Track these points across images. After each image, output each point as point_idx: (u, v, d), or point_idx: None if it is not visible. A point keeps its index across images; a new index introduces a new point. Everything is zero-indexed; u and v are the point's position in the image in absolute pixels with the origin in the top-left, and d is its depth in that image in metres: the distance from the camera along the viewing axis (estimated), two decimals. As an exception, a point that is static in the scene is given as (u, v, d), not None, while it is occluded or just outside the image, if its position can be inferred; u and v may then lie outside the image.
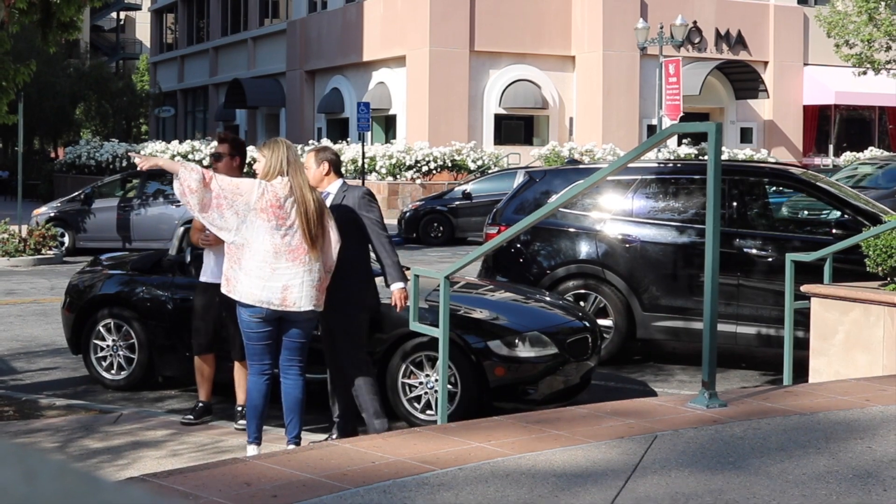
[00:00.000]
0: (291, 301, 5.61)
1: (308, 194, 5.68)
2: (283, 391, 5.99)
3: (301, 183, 5.68)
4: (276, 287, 5.59)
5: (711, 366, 4.94)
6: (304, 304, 5.65)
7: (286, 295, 5.60)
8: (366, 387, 6.26)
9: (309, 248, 5.62)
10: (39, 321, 11.82)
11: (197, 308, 7.13)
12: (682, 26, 29.74)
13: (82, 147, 32.10)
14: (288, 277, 5.59)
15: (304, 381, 5.97)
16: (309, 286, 5.65)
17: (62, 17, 12.18)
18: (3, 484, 0.78)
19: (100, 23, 70.23)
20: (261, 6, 43.41)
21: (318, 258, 5.67)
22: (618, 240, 9.45)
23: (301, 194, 5.64)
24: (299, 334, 5.83)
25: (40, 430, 6.89)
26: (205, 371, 7.12)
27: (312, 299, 5.68)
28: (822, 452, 4.21)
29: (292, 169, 5.66)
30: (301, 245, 5.62)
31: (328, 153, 6.37)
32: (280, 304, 5.61)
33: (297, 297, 5.62)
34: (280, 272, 5.59)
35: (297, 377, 5.94)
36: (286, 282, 5.59)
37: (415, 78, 32.24)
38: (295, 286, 5.61)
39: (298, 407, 5.96)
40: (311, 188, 5.74)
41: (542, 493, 3.62)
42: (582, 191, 5.89)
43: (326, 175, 6.27)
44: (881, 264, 7.05)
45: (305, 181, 5.73)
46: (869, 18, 28.79)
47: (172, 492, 3.53)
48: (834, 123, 37.05)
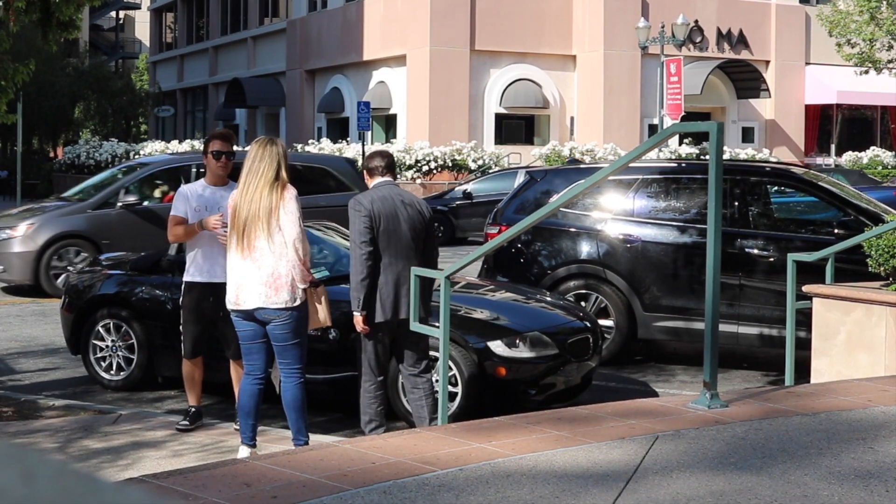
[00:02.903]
0: (242, 300, 5.72)
1: (243, 196, 5.70)
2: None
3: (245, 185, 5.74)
4: (232, 286, 5.78)
5: (713, 366, 4.93)
6: (252, 302, 5.69)
7: (238, 293, 5.73)
8: (364, 392, 6.22)
9: (245, 248, 5.68)
10: (38, 321, 11.81)
11: (182, 310, 6.95)
12: (683, 25, 29.73)
13: (81, 146, 32.08)
14: (238, 276, 5.73)
15: (296, 383, 5.89)
16: (257, 283, 5.66)
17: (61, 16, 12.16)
18: (2, 484, 0.77)
19: (99, 22, 70.26)
20: (260, 5, 43.41)
21: (260, 256, 5.66)
22: (619, 240, 9.43)
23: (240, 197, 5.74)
24: (275, 336, 5.81)
25: (40, 430, 6.88)
26: (195, 375, 6.98)
27: (261, 296, 5.67)
28: (823, 453, 4.20)
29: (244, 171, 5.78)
30: (241, 244, 5.69)
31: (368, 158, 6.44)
32: (234, 303, 5.78)
33: (246, 296, 5.70)
34: (233, 271, 5.77)
35: (287, 380, 5.91)
36: (238, 280, 5.73)
37: (415, 77, 32.24)
38: (244, 284, 5.70)
39: (292, 410, 5.90)
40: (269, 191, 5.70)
41: (543, 493, 3.60)
42: (583, 190, 5.87)
43: (369, 178, 6.36)
44: (883, 264, 7.04)
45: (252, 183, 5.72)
46: (871, 17, 28.78)
47: (172, 493, 3.51)
48: (836, 123, 37.04)
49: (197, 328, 6.88)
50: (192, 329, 6.88)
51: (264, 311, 5.71)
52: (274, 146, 5.82)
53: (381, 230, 6.06)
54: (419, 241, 6.15)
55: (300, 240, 5.69)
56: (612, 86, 32.43)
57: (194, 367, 6.97)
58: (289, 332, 5.78)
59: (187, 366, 6.97)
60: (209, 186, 6.91)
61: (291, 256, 5.66)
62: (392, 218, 6.09)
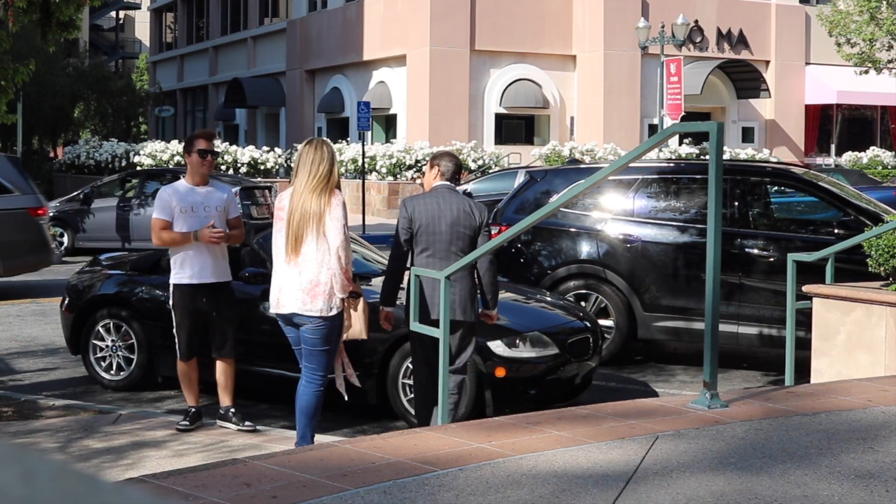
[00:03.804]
0: (282, 304, 5.72)
1: (295, 199, 5.68)
2: None
3: (295, 187, 5.71)
4: (275, 289, 5.78)
5: (713, 366, 4.93)
6: (290, 307, 5.69)
7: (279, 297, 5.72)
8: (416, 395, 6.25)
9: (293, 251, 5.65)
10: (38, 321, 11.81)
11: (174, 312, 6.90)
12: (683, 25, 29.73)
13: (81, 147, 32.05)
14: (281, 280, 5.73)
15: (314, 390, 5.84)
16: (296, 289, 5.65)
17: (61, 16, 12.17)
18: (2, 484, 0.77)
19: (99, 22, 70.24)
20: (260, 5, 43.41)
21: (303, 262, 5.64)
22: (619, 239, 9.43)
23: (291, 199, 5.70)
24: (305, 339, 5.80)
25: (40, 430, 6.88)
26: (191, 376, 6.95)
27: (297, 302, 5.66)
28: (823, 453, 4.20)
29: (295, 173, 5.78)
30: (290, 247, 5.67)
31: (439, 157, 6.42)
32: (274, 306, 5.78)
33: (285, 300, 5.70)
34: (278, 274, 5.77)
35: (307, 385, 5.87)
36: (280, 284, 5.73)
37: (415, 77, 32.24)
38: (285, 289, 5.69)
39: (303, 415, 5.85)
40: (308, 193, 5.68)
41: (543, 493, 3.60)
42: (583, 190, 5.87)
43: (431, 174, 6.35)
44: (883, 264, 7.04)
45: (302, 185, 5.71)
46: (871, 17, 28.79)
47: (172, 492, 3.51)
48: (836, 123, 37.04)
49: (190, 330, 6.85)
50: (186, 331, 6.85)
51: (299, 316, 5.70)
52: (325, 147, 5.78)
53: (421, 231, 6.06)
54: (464, 244, 6.10)
55: (343, 248, 5.63)
56: (612, 86, 32.42)
57: (190, 368, 6.94)
58: (318, 338, 5.75)
59: (183, 367, 6.93)
60: (191, 187, 6.87)
61: (333, 264, 5.62)
62: (434, 220, 6.07)
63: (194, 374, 6.97)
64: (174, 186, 6.93)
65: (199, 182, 6.87)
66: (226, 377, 6.92)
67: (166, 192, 6.87)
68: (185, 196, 6.78)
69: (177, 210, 6.73)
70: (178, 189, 6.86)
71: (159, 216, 6.77)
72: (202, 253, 6.72)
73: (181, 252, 6.76)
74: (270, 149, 32.25)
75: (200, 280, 6.75)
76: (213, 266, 6.78)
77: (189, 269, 6.75)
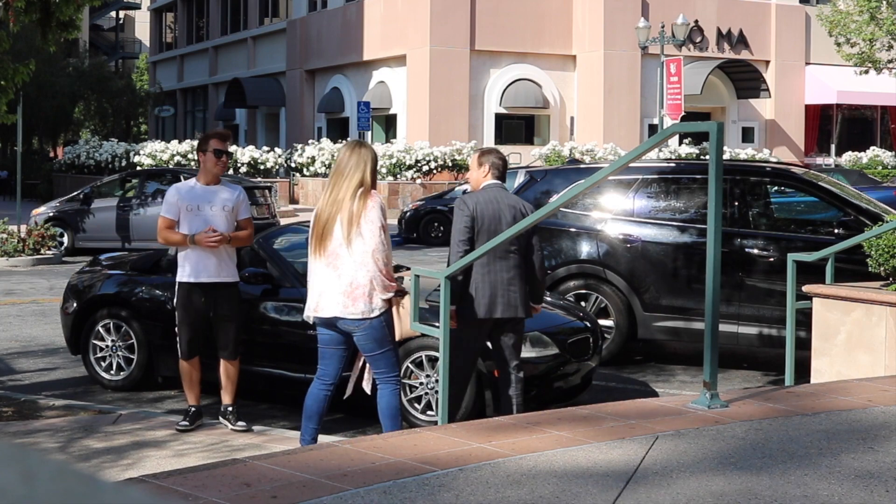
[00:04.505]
0: (322, 307, 5.66)
1: (327, 199, 5.66)
2: None
3: (330, 188, 5.70)
4: (314, 292, 5.72)
5: (713, 366, 4.93)
6: (331, 310, 5.64)
7: (319, 300, 5.67)
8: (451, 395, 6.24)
9: (322, 252, 5.63)
10: (38, 321, 11.81)
11: (177, 310, 6.90)
12: (683, 25, 29.73)
13: (81, 147, 32.07)
14: (320, 283, 5.67)
15: (392, 391, 5.80)
16: (336, 292, 5.61)
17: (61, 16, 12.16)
18: (2, 484, 0.77)
19: (99, 22, 70.25)
20: (261, 5, 43.41)
21: (340, 264, 5.61)
22: (619, 239, 9.43)
23: (323, 200, 5.69)
24: (360, 346, 5.74)
25: (40, 430, 6.87)
26: (192, 375, 6.94)
27: (339, 305, 5.62)
28: (823, 453, 4.20)
29: (331, 174, 5.77)
30: (318, 248, 5.64)
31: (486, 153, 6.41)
32: (314, 309, 5.72)
33: (326, 303, 5.64)
34: (315, 277, 5.70)
35: (383, 387, 5.83)
36: (320, 287, 5.67)
37: (415, 77, 32.24)
38: (325, 292, 5.64)
39: (387, 418, 5.80)
40: (352, 196, 5.65)
41: (543, 493, 3.60)
42: (583, 190, 5.87)
43: (478, 172, 6.33)
44: (883, 264, 7.03)
45: (338, 187, 5.69)
46: (871, 17, 28.79)
47: (172, 492, 3.51)
48: (836, 123, 37.06)
49: (192, 328, 6.85)
50: (188, 329, 6.85)
51: (343, 321, 5.63)
52: (363, 150, 5.75)
53: (482, 230, 6.07)
54: (520, 243, 6.12)
55: (381, 250, 5.59)
56: (612, 86, 32.43)
57: (192, 367, 6.93)
58: (371, 341, 5.69)
59: (184, 366, 6.92)
60: (201, 185, 6.85)
61: (371, 266, 5.58)
62: (494, 220, 6.09)
63: (196, 374, 6.95)
64: (182, 185, 6.91)
65: (211, 181, 6.85)
66: (226, 377, 6.92)
67: (173, 191, 6.87)
68: (191, 195, 6.78)
69: (182, 208, 6.73)
70: (185, 188, 6.85)
71: (164, 215, 6.78)
72: (205, 252, 6.71)
73: (185, 251, 6.77)
74: (270, 149, 32.25)
75: (200, 279, 6.74)
76: (216, 266, 6.77)
77: (191, 268, 6.75)
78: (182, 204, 6.73)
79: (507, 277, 6.08)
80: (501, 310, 6.09)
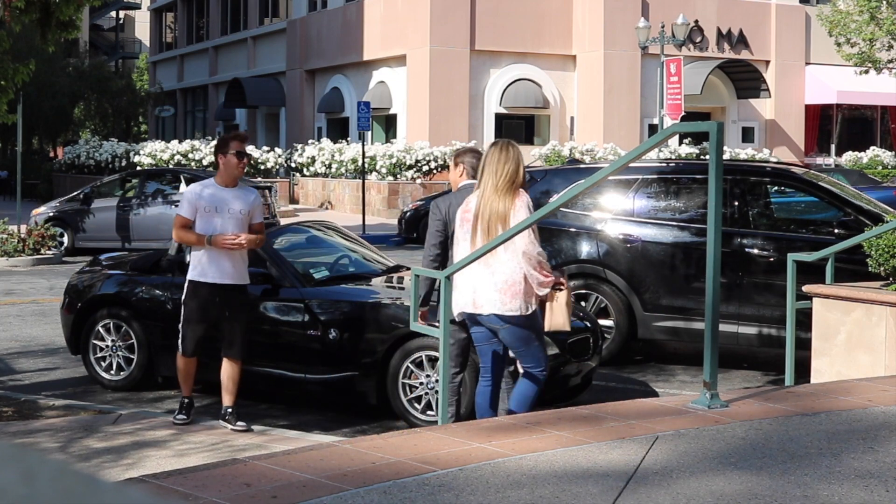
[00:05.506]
0: (478, 304, 5.66)
1: (482, 199, 5.69)
2: None
3: (482, 188, 5.73)
4: (467, 289, 5.72)
5: (713, 366, 4.93)
6: (487, 308, 5.65)
7: (474, 298, 5.68)
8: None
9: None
10: (38, 321, 11.80)
11: (185, 308, 6.92)
12: (683, 25, 29.73)
13: (81, 147, 32.06)
14: (474, 280, 5.67)
15: (532, 381, 5.80)
16: (491, 290, 5.61)
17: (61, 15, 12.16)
18: (2, 484, 0.77)
19: (99, 22, 70.24)
20: (261, 5, 43.40)
21: (494, 262, 5.61)
22: (619, 239, 9.43)
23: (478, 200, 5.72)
24: (508, 342, 5.76)
25: (40, 430, 6.88)
26: (190, 370, 7.01)
27: (496, 303, 5.62)
28: (823, 453, 4.20)
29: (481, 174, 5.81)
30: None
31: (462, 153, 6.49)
32: (468, 306, 5.72)
33: (482, 301, 5.64)
34: (468, 274, 5.70)
35: (528, 377, 5.85)
36: (473, 285, 5.68)
37: (415, 77, 32.24)
38: (479, 289, 5.65)
39: (515, 399, 5.83)
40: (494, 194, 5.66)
41: (543, 493, 3.60)
42: (583, 190, 5.87)
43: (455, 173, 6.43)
44: (883, 264, 7.03)
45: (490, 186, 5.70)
46: (871, 17, 28.79)
47: (172, 492, 3.51)
48: (836, 123, 37.05)
49: (200, 327, 6.89)
50: (196, 328, 6.88)
51: (498, 317, 5.64)
52: (512, 149, 5.80)
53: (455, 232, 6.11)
54: None
55: (530, 249, 5.61)
56: (612, 86, 32.42)
57: (190, 364, 7.00)
58: (520, 337, 5.71)
59: (185, 362, 6.98)
60: (220, 186, 6.87)
61: (525, 264, 5.60)
62: None
63: (192, 370, 7.04)
64: (201, 184, 6.93)
65: (230, 183, 6.87)
66: (228, 378, 6.93)
67: (194, 189, 6.88)
68: (211, 196, 6.79)
69: (201, 209, 6.74)
70: (206, 188, 6.86)
71: (182, 213, 6.79)
72: (221, 254, 6.73)
73: (201, 251, 6.78)
74: (270, 149, 32.25)
75: (217, 280, 6.76)
76: (231, 268, 6.79)
77: (207, 269, 6.76)
78: (201, 204, 6.74)
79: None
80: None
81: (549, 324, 5.83)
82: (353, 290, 7.74)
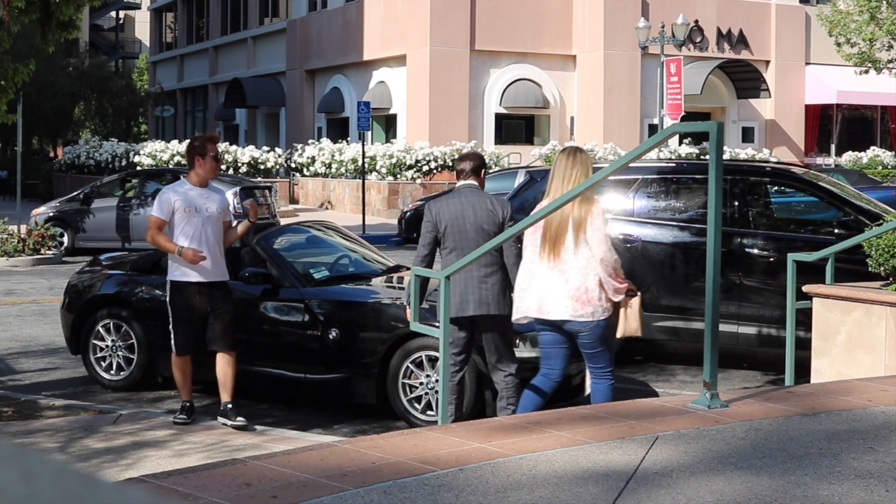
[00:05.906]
0: (546, 310, 5.71)
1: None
2: None
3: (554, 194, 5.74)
4: (535, 294, 5.77)
5: (713, 366, 4.93)
6: (558, 314, 5.69)
7: (542, 304, 5.72)
8: None
9: (554, 257, 5.67)
10: (38, 321, 11.80)
11: (171, 309, 7.00)
12: (683, 25, 29.73)
13: (81, 147, 32.07)
14: (544, 286, 5.72)
15: (608, 385, 5.89)
16: (563, 296, 5.65)
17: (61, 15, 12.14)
18: (2, 484, 0.77)
19: (99, 22, 70.23)
20: (261, 5, 43.40)
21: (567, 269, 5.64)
22: (619, 239, 9.42)
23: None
24: (582, 345, 5.82)
25: (40, 430, 6.88)
26: (186, 371, 7.09)
27: (567, 309, 5.66)
28: (823, 453, 4.20)
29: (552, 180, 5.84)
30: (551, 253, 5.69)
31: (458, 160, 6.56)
32: (538, 311, 5.77)
33: (551, 307, 5.69)
34: (538, 279, 5.75)
35: (599, 381, 5.94)
36: (543, 290, 5.72)
37: (415, 77, 32.23)
38: (548, 295, 5.69)
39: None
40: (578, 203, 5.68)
41: (543, 493, 3.60)
42: (583, 190, 5.87)
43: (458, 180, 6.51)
44: (883, 264, 7.03)
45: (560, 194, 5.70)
46: (871, 17, 28.79)
47: (172, 492, 3.51)
48: (836, 123, 37.05)
49: (189, 326, 7.00)
50: (186, 327, 6.99)
51: (570, 323, 5.69)
52: (582, 155, 5.82)
53: (447, 232, 6.23)
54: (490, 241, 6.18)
55: (608, 257, 5.66)
56: (612, 86, 32.42)
57: (185, 363, 7.09)
58: (595, 341, 5.77)
59: (180, 362, 7.08)
60: (194, 187, 6.98)
61: (600, 271, 5.64)
62: (458, 220, 6.23)
63: (189, 370, 7.12)
64: (175, 186, 7.04)
65: (203, 184, 7.00)
66: (224, 373, 6.98)
67: (169, 192, 6.98)
68: (189, 198, 6.89)
69: (180, 210, 6.82)
70: (181, 189, 6.97)
71: (157, 214, 6.88)
72: None
73: None
74: (270, 149, 32.26)
75: (199, 278, 6.86)
76: (211, 266, 6.92)
77: (187, 268, 6.84)
78: (180, 206, 6.82)
79: (478, 275, 6.17)
80: (473, 307, 6.18)
81: (622, 329, 5.90)
82: (353, 290, 7.74)
